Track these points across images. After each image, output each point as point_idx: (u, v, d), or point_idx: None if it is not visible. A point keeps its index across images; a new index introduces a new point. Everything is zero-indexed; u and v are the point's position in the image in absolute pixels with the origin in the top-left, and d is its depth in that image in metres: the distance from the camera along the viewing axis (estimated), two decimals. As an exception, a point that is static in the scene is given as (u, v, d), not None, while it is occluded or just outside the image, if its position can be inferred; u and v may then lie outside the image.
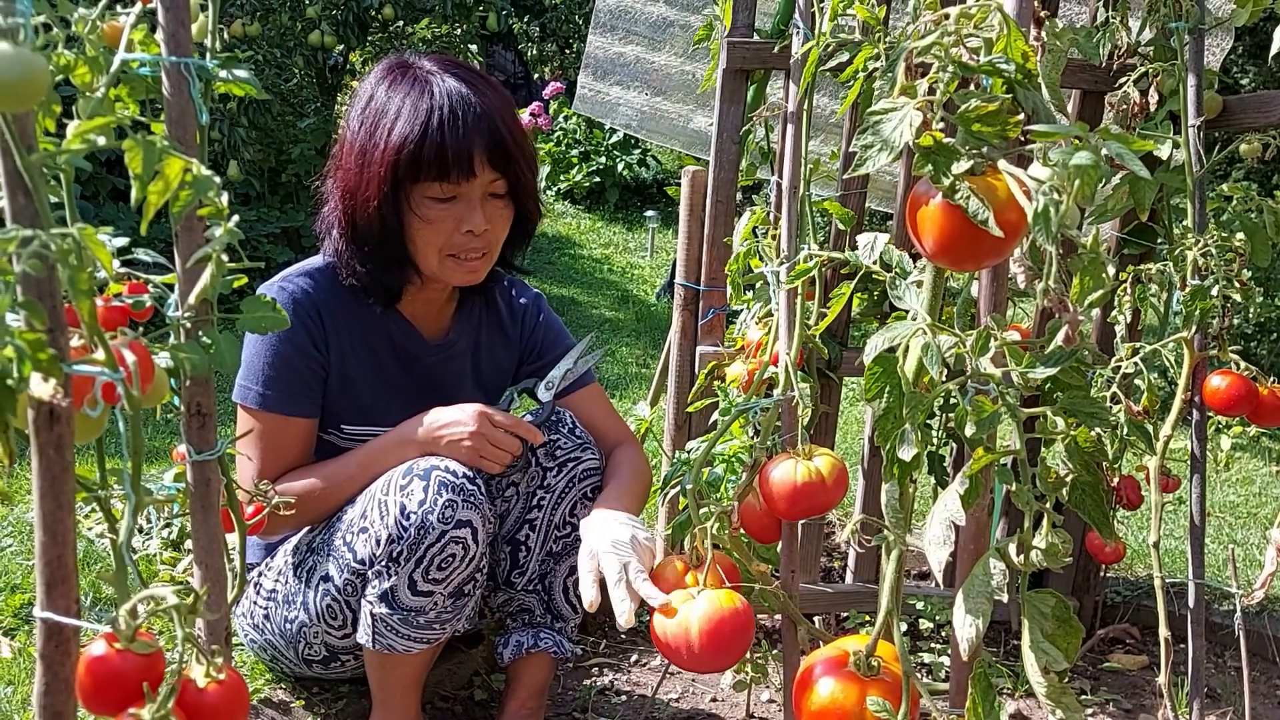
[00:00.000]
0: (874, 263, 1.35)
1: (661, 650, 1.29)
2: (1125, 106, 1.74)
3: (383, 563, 1.51)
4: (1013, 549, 0.93)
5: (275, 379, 1.60)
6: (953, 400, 0.95)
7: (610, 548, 1.43)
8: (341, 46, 6.02)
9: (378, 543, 1.51)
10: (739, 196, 2.01)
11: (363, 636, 1.57)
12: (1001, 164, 0.84)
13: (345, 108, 1.75)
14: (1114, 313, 1.79)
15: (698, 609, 1.25)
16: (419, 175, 1.51)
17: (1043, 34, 1.34)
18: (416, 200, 1.54)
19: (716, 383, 1.77)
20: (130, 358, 0.77)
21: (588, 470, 1.70)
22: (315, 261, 1.68)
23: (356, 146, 1.55)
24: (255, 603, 1.70)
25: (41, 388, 0.69)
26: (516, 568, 1.73)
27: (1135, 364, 1.66)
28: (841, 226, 1.74)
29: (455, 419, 1.58)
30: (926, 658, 2.15)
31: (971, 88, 0.89)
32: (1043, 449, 1.76)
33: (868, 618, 2.22)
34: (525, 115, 7.14)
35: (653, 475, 1.80)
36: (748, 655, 1.77)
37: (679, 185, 2.08)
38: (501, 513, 1.73)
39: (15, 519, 2.42)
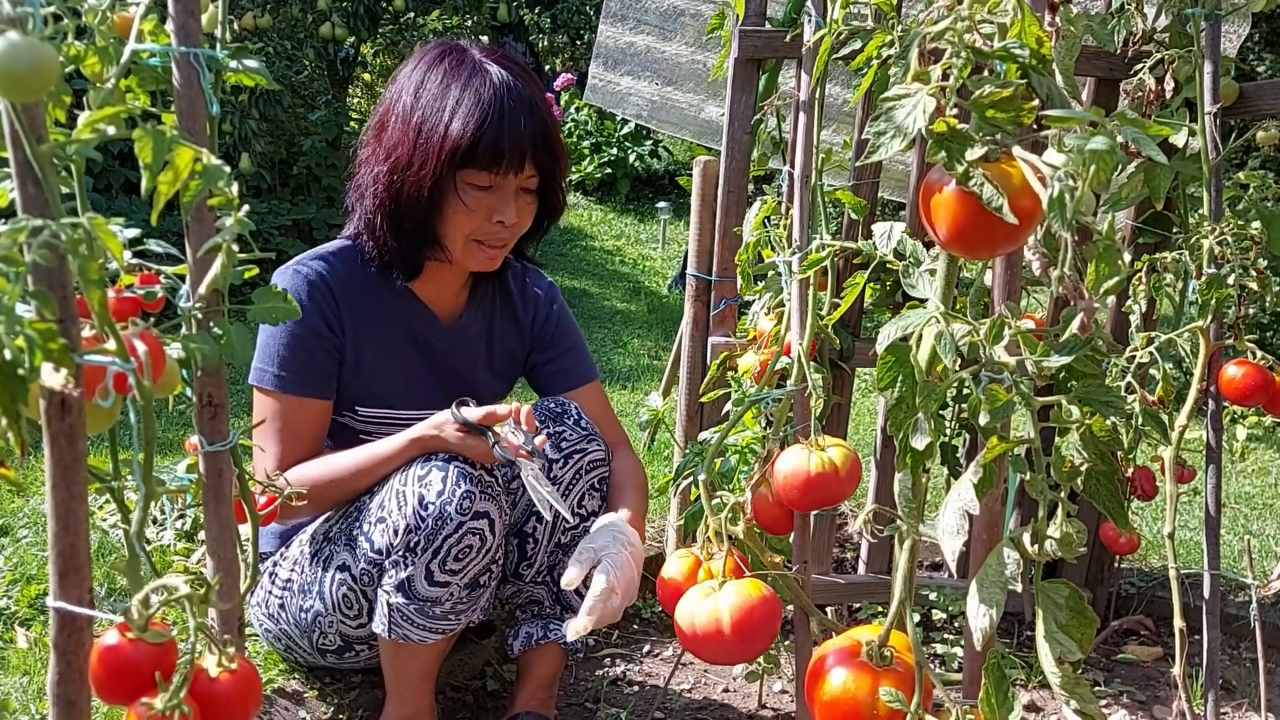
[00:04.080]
0: (889, 251, 1.34)
1: (688, 643, 1.29)
2: (1140, 94, 1.72)
3: (400, 553, 1.51)
4: (1027, 539, 0.92)
5: (290, 360, 1.61)
6: (966, 390, 0.95)
7: (611, 566, 1.49)
8: (352, 39, 6.02)
9: (395, 533, 1.51)
10: (751, 187, 2.00)
11: (379, 626, 1.57)
12: (1016, 150, 0.83)
13: (364, 77, 1.78)
14: (1129, 302, 1.78)
15: (726, 598, 1.25)
16: (471, 163, 1.54)
17: (1057, 19, 1.32)
18: (460, 185, 1.57)
19: (729, 373, 1.77)
20: (141, 348, 0.77)
21: (594, 462, 1.70)
22: (331, 245, 1.70)
23: (413, 124, 1.56)
24: (271, 592, 1.71)
25: (53, 378, 0.69)
26: (525, 560, 1.73)
27: (1150, 353, 1.64)
28: (854, 216, 1.74)
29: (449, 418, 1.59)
30: (939, 648, 2.15)
31: (985, 74, 0.88)
32: (1057, 438, 1.75)
33: (880, 609, 2.22)
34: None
35: (648, 479, 1.84)
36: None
37: (690, 176, 2.08)
38: (516, 506, 1.74)
39: (31, 510, 2.44)
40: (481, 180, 1.56)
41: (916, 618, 0.97)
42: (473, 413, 1.55)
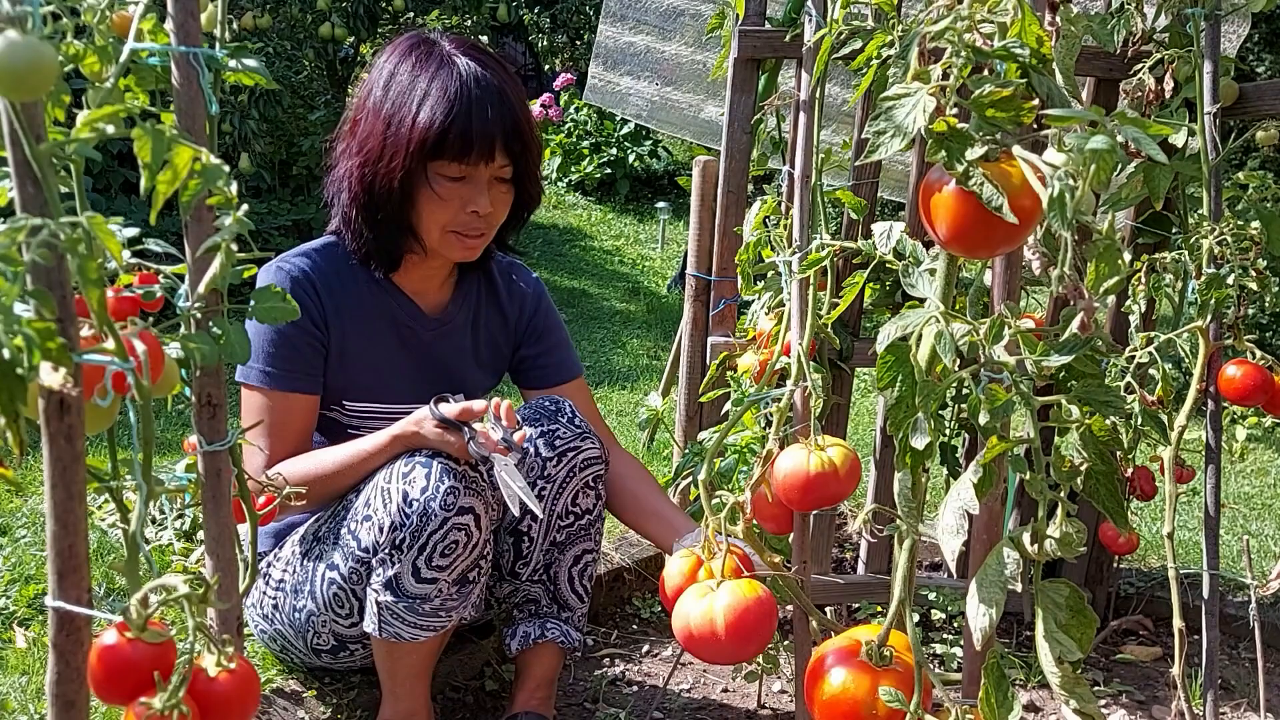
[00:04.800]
0: (889, 251, 1.34)
1: (685, 642, 1.29)
2: (1140, 94, 1.72)
3: (386, 550, 1.51)
4: (1026, 538, 0.92)
5: (276, 356, 1.62)
6: (966, 389, 0.95)
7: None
8: (352, 39, 6.02)
9: (381, 530, 1.51)
10: (750, 187, 2.00)
11: (369, 625, 1.57)
12: (1016, 150, 0.83)
13: (362, 77, 1.79)
14: (1128, 302, 1.78)
15: (721, 599, 1.25)
16: (441, 154, 1.55)
17: (1057, 19, 1.32)
18: (431, 176, 1.58)
19: (728, 373, 1.77)
20: (140, 347, 0.77)
21: (588, 459, 1.70)
22: (315, 242, 1.72)
23: (382, 116, 1.58)
24: (265, 593, 1.71)
25: (51, 377, 0.68)
26: (520, 558, 1.73)
27: (1150, 353, 1.64)
28: (854, 215, 1.74)
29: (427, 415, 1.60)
30: (939, 648, 2.15)
31: (985, 73, 0.88)
32: (1056, 438, 1.75)
33: (879, 609, 2.22)
34: (536, 107, 7.13)
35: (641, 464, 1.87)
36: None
37: (690, 176, 2.08)
38: (502, 502, 1.74)
39: (29, 510, 2.43)
40: (453, 171, 1.58)
41: (916, 617, 0.96)
42: (449, 408, 1.54)
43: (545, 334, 1.89)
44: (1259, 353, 1.64)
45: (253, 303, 0.90)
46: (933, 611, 2.25)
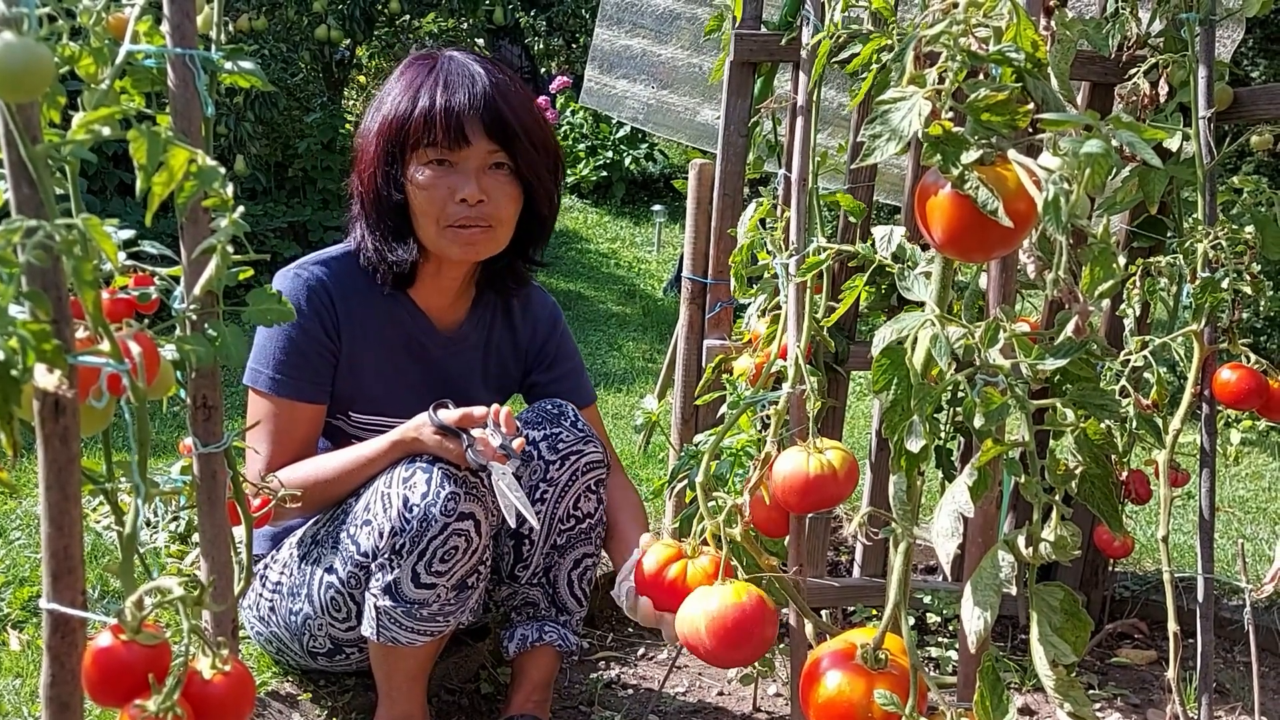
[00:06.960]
0: (888, 255, 1.34)
1: (686, 647, 1.28)
2: (1135, 98, 1.73)
3: (386, 555, 1.51)
4: (1021, 542, 0.92)
5: (286, 363, 1.62)
6: (961, 393, 0.95)
7: None
8: (348, 41, 6.01)
9: (381, 535, 1.51)
10: (746, 190, 2.00)
11: (367, 629, 1.57)
12: (1011, 154, 0.83)
13: (360, 80, 1.83)
14: (1123, 305, 1.78)
15: (708, 605, 1.24)
16: (411, 140, 1.57)
17: (1052, 23, 1.33)
18: (415, 168, 1.59)
19: (724, 376, 1.77)
20: (136, 349, 0.77)
21: (590, 463, 1.70)
22: (334, 250, 1.72)
23: (364, 125, 1.64)
24: (261, 595, 1.71)
25: (46, 379, 0.68)
26: (520, 561, 1.73)
27: (1144, 357, 1.65)
28: (853, 219, 1.74)
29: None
30: (934, 651, 2.15)
31: (980, 77, 0.88)
32: (1052, 441, 1.75)
33: (874, 612, 2.22)
34: (532, 109, 7.13)
35: (642, 500, 1.85)
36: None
37: (686, 179, 2.08)
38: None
39: (23, 512, 2.43)
40: (431, 155, 1.58)
41: (911, 621, 0.97)
42: (449, 415, 1.54)
43: (557, 361, 1.88)
44: (1253, 357, 1.64)
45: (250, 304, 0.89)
46: (928, 615, 2.25)
